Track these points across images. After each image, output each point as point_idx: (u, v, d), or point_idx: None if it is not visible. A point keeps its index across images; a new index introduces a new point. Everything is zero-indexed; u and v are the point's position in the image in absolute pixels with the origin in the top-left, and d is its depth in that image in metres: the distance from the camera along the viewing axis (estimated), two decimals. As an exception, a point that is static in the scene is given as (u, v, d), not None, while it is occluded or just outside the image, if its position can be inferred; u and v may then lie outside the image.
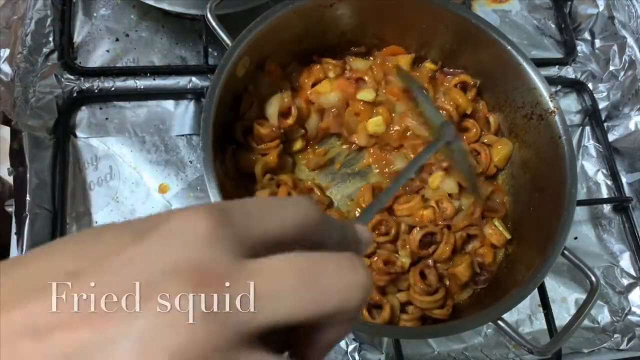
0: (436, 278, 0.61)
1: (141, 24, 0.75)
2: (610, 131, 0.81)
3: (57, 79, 0.69)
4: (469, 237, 0.65)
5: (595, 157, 0.80)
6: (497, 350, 0.66)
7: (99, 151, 0.68)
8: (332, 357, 0.63)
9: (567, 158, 0.61)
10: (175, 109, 0.72)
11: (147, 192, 0.67)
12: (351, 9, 0.66)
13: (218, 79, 0.57)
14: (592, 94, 0.82)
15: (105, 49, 0.73)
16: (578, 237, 0.75)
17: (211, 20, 0.59)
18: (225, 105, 0.62)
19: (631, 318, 0.71)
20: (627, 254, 0.75)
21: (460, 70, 0.71)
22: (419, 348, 0.65)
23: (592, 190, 0.79)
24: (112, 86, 0.71)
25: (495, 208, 0.67)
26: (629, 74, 0.81)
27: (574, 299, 0.71)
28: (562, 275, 0.72)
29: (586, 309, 0.55)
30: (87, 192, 0.66)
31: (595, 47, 0.84)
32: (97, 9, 0.75)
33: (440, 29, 0.67)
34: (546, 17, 0.87)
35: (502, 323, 0.54)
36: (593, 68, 0.84)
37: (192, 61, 0.74)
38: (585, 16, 0.86)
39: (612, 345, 0.69)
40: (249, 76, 0.64)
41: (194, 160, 0.69)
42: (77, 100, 0.69)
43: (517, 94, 0.66)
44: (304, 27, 0.65)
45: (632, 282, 0.73)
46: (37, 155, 0.64)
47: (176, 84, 0.72)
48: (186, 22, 0.76)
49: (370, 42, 0.70)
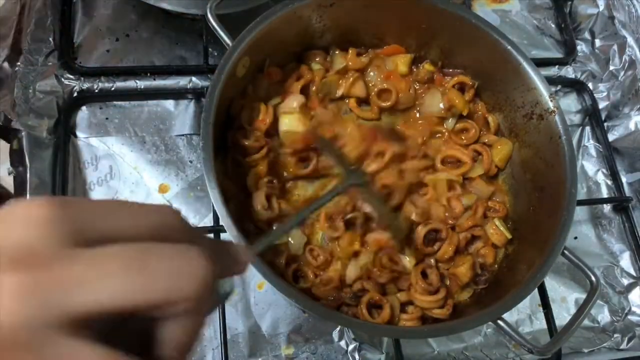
0: (438, 278, 0.61)
1: (141, 24, 0.75)
2: (610, 131, 0.81)
3: (57, 79, 0.69)
4: (472, 237, 0.65)
5: (595, 157, 0.80)
6: (497, 350, 0.66)
7: (99, 151, 0.68)
8: (332, 356, 0.63)
9: (567, 158, 0.61)
10: (175, 109, 0.72)
11: (147, 192, 0.67)
12: (351, 9, 0.66)
13: (218, 79, 0.57)
14: (592, 93, 0.82)
15: (105, 49, 0.73)
16: (578, 236, 0.75)
17: (211, 20, 0.59)
18: (225, 105, 0.62)
19: (631, 318, 0.71)
20: (627, 254, 0.75)
21: (459, 71, 0.71)
22: (419, 348, 0.65)
23: (592, 190, 0.79)
24: (112, 86, 0.71)
25: (495, 208, 0.67)
26: (629, 73, 0.81)
27: (574, 298, 0.71)
28: (562, 275, 0.72)
29: (586, 308, 0.55)
30: (87, 192, 0.66)
31: (595, 47, 0.84)
32: (97, 9, 0.75)
33: (440, 29, 0.67)
34: (546, 17, 0.87)
35: (502, 323, 0.54)
36: (593, 68, 0.84)
37: (192, 61, 0.74)
38: (586, 16, 0.86)
39: (612, 345, 0.69)
40: (249, 77, 0.64)
41: (194, 160, 0.69)
42: (77, 100, 0.69)
43: (517, 94, 0.66)
44: (304, 27, 0.65)
45: (632, 282, 0.73)
46: (37, 155, 0.64)
47: (176, 84, 0.72)
48: (186, 22, 0.76)
49: (370, 42, 0.70)
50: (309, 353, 0.63)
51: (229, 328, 0.61)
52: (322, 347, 0.63)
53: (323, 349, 0.63)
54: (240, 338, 0.62)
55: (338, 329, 0.64)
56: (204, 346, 0.62)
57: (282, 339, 0.63)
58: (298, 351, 0.63)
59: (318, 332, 0.64)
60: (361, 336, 0.64)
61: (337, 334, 0.64)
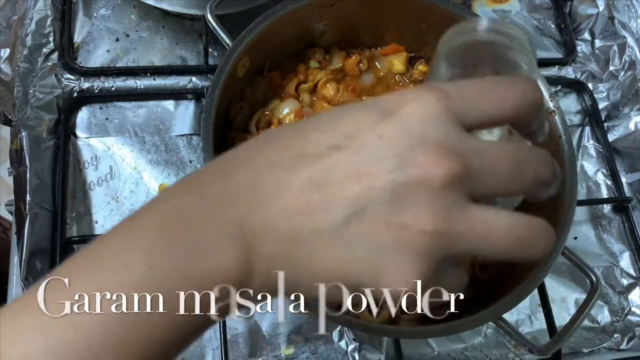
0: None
1: (141, 24, 0.75)
2: (610, 131, 0.81)
3: (57, 79, 0.69)
4: None
5: (595, 157, 0.80)
6: (497, 350, 0.66)
7: (99, 151, 0.68)
8: (332, 357, 0.63)
9: (567, 158, 0.61)
10: (175, 109, 0.72)
11: (148, 192, 0.67)
12: (351, 9, 0.66)
13: (218, 79, 0.57)
14: (592, 94, 0.82)
15: (105, 49, 0.73)
16: (578, 237, 0.75)
17: (211, 20, 0.59)
18: (225, 105, 0.62)
19: (631, 318, 0.71)
20: (627, 254, 0.75)
21: (457, 70, 0.71)
22: (419, 348, 0.65)
23: (592, 190, 0.79)
24: (112, 86, 0.71)
25: None
26: (629, 74, 0.81)
27: (574, 299, 0.71)
28: (562, 275, 0.72)
29: (586, 308, 0.55)
30: (87, 192, 0.66)
31: (595, 47, 0.84)
32: (97, 9, 0.75)
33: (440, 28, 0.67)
34: (546, 17, 0.87)
35: (502, 323, 0.54)
36: (593, 68, 0.84)
37: (192, 61, 0.74)
38: (585, 16, 0.86)
39: (612, 345, 0.69)
40: (248, 78, 0.64)
41: (194, 160, 0.69)
42: (77, 101, 0.69)
43: (517, 94, 0.66)
44: (304, 27, 0.65)
45: (632, 282, 0.73)
46: (37, 155, 0.64)
47: (176, 84, 0.72)
48: (186, 22, 0.76)
49: (370, 41, 0.70)
50: (309, 353, 0.63)
51: (228, 328, 0.61)
52: (322, 348, 0.63)
53: (323, 349, 0.63)
54: (240, 338, 0.62)
55: (338, 329, 0.64)
56: (204, 346, 0.62)
57: (282, 339, 0.63)
58: (298, 351, 0.63)
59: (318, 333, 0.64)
60: (361, 336, 0.64)
61: (337, 334, 0.64)
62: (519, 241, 0.27)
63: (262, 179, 0.27)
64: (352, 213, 0.25)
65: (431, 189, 0.25)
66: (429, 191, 0.25)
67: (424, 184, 0.25)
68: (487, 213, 0.27)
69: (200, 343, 0.62)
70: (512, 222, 0.27)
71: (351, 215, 0.25)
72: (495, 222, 0.27)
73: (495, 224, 0.27)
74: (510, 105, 0.28)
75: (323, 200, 0.26)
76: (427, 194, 0.25)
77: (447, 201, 0.25)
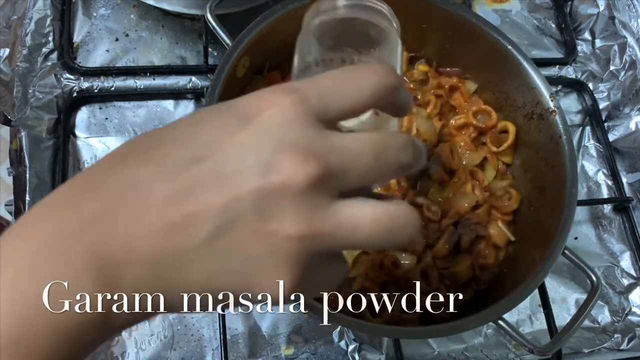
0: (437, 278, 0.61)
1: (141, 23, 0.75)
2: (610, 131, 0.81)
3: (57, 79, 0.69)
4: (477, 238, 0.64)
5: (595, 157, 0.80)
6: (497, 350, 0.66)
7: (99, 151, 0.68)
8: (332, 357, 0.63)
9: (568, 158, 0.61)
10: (175, 109, 0.72)
11: (147, 192, 0.67)
12: (351, 9, 0.65)
13: (218, 79, 0.57)
14: (592, 94, 0.82)
15: (105, 49, 0.73)
16: (578, 237, 0.75)
17: (211, 20, 0.59)
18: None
19: (631, 318, 0.71)
20: (628, 254, 0.75)
21: (455, 70, 0.71)
22: (419, 348, 0.65)
23: (593, 190, 0.78)
24: (112, 86, 0.71)
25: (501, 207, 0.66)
26: (630, 74, 0.81)
27: (574, 299, 0.71)
28: (562, 275, 0.72)
29: (586, 309, 0.55)
30: (87, 192, 0.66)
31: (596, 47, 0.84)
32: (96, 9, 0.75)
33: (440, 28, 0.67)
34: (546, 17, 0.87)
35: (502, 323, 0.53)
36: (593, 68, 0.84)
37: (192, 61, 0.74)
38: (586, 16, 0.86)
39: (613, 345, 0.69)
40: (248, 77, 0.64)
41: (194, 160, 0.69)
42: (76, 100, 0.69)
43: (518, 94, 0.66)
44: (304, 27, 0.65)
45: (632, 282, 0.73)
46: (36, 155, 0.64)
47: (176, 84, 0.72)
48: (186, 22, 0.76)
49: (370, 41, 0.70)
50: (309, 354, 0.63)
51: (228, 328, 0.61)
52: (322, 348, 0.63)
53: (323, 350, 0.63)
54: (240, 338, 0.62)
55: (338, 330, 0.64)
56: (204, 347, 0.62)
57: (282, 340, 0.63)
58: (298, 352, 0.63)
59: (318, 333, 0.64)
60: (361, 337, 0.64)
61: (337, 335, 0.64)
62: (384, 232, 0.27)
63: (117, 202, 0.26)
64: (218, 226, 0.25)
65: (294, 194, 0.25)
66: (291, 196, 0.25)
67: (286, 189, 0.25)
68: (353, 208, 0.27)
69: (200, 343, 0.62)
70: (378, 213, 0.27)
71: (217, 228, 0.25)
72: (360, 216, 0.27)
73: (361, 218, 0.27)
74: (367, 94, 0.28)
75: (185, 217, 0.25)
76: (291, 199, 0.25)
77: (311, 203, 0.26)
